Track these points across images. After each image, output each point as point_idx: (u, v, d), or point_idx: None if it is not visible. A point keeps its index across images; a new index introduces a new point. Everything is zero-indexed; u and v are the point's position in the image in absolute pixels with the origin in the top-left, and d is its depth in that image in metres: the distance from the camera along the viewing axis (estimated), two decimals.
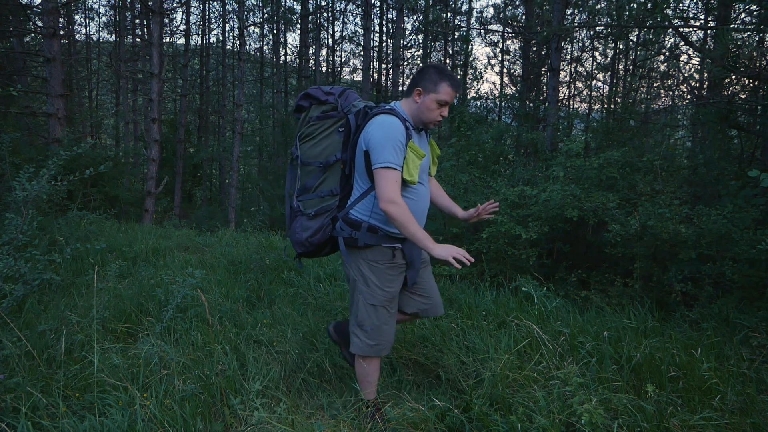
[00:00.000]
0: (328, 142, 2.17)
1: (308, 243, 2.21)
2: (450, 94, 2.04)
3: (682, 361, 2.42)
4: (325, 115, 2.17)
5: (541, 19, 12.11)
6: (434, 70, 2.06)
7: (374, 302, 2.12)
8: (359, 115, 2.13)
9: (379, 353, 2.16)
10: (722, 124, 5.48)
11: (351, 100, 2.19)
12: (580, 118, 11.17)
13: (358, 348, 2.16)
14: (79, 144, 7.94)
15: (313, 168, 2.19)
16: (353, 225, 2.10)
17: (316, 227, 2.19)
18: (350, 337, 2.22)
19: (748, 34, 5.60)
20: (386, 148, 1.95)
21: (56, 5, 8.70)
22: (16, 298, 3.12)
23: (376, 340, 2.14)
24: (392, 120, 2.00)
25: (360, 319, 2.15)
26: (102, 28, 28.50)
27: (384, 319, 2.14)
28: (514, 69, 18.32)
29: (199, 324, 3.10)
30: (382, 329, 2.14)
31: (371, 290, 2.11)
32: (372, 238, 2.09)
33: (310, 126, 2.20)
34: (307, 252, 2.26)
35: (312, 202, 2.20)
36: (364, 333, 2.14)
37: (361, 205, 2.11)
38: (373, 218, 2.09)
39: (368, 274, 2.11)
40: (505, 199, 4.97)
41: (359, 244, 2.09)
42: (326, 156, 2.17)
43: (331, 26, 21.04)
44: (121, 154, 15.73)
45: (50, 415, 2.09)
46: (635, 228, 4.05)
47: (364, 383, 2.23)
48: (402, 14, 13.26)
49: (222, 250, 5.44)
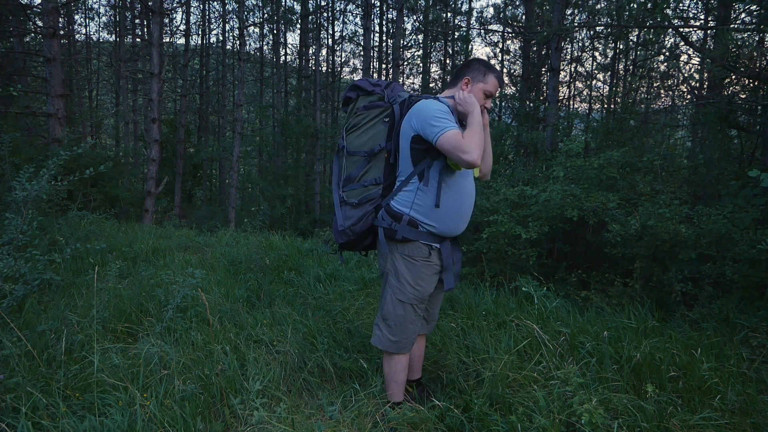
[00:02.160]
0: (373, 131, 2.18)
1: (350, 231, 2.19)
2: (496, 86, 2.12)
3: (682, 361, 2.42)
4: (372, 105, 2.19)
5: (541, 19, 12.10)
6: (482, 64, 2.13)
7: (403, 298, 2.11)
8: (404, 105, 2.15)
9: (399, 350, 2.16)
10: (722, 124, 5.49)
11: (397, 91, 2.22)
12: (580, 118, 11.17)
13: (379, 341, 2.17)
14: (79, 144, 7.94)
15: (358, 158, 2.20)
16: (394, 216, 2.09)
17: (359, 215, 2.18)
18: (373, 329, 2.23)
19: (748, 34, 5.60)
20: (436, 120, 1.95)
21: (56, 5, 8.69)
22: (16, 298, 3.12)
23: (398, 337, 2.14)
24: (435, 101, 2.04)
25: (385, 313, 2.15)
26: (102, 28, 28.53)
27: (410, 318, 2.13)
28: (514, 69, 18.32)
29: (199, 324, 3.10)
30: (406, 327, 2.13)
31: (401, 285, 2.11)
32: (411, 232, 2.07)
33: (357, 116, 2.21)
34: (348, 242, 2.24)
35: (356, 191, 2.19)
36: (387, 327, 2.15)
37: (403, 194, 2.10)
38: (414, 210, 2.07)
39: (401, 269, 2.10)
40: (505, 199, 4.97)
41: (397, 237, 2.07)
42: (371, 145, 2.17)
43: (331, 26, 21.05)
44: (121, 154, 15.72)
45: (50, 415, 2.09)
46: (635, 228, 4.05)
47: (391, 383, 2.22)
48: (402, 14, 13.26)
49: (222, 250, 5.44)
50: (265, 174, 17.56)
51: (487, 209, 5.05)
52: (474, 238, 5.05)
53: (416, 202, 2.07)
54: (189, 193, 21.23)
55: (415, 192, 2.06)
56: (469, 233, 5.30)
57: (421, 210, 2.07)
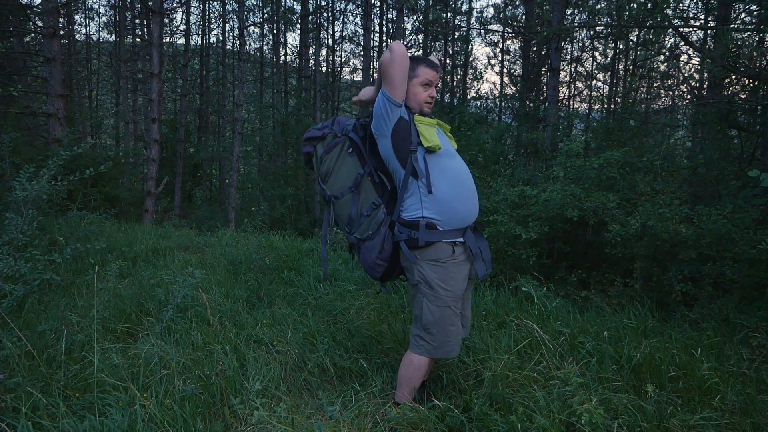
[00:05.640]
0: (346, 167, 2.20)
1: (380, 260, 2.17)
2: (429, 73, 2.12)
3: (682, 361, 2.42)
4: (331, 146, 2.23)
5: (541, 19, 12.11)
6: (412, 60, 2.13)
7: (439, 303, 2.08)
8: (357, 128, 2.20)
9: (447, 355, 2.13)
10: (722, 124, 5.49)
11: (343, 123, 2.26)
12: (580, 118, 11.15)
13: (426, 351, 2.13)
14: (79, 144, 7.92)
15: (346, 197, 2.19)
16: (410, 225, 2.07)
17: (380, 242, 2.15)
18: (412, 339, 2.18)
19: (748, 34, 5.61)
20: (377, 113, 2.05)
21: (56, 5, 8.70)
22: (16, 298, 3.12)
23: (442, 342, 2.11)
24: None
25: (425, 323, 2.11)
26: (102, 28, 28.58)
27: (450, 320, 2.10)
28: (514, 69, 18.31)
29: (199, 324, 3.10)
30: (449, 331, 2.10)
31: (435, 292, 2.08)
32: (432, 234, 2.04)
33: (323, 163, 2.25)
34: (384, 272, 2.20)
35: (364, 225, 2.18)
36: (430, 336, 2.11)
37: (409, 201, 2.09)
38: (426, 210, 2.06)
39: (431, 276, 2.07)
40: (505, 199, 4.97)
41: (420, 243, 2.04)
42: (351, 179, 2.18)
43: (331, 26, 21.04)
44: (121, 154, 15.69)
45: (50, 415, 2.09)
46: (635, 228, 4.05)
47: (405, 387, 2.19)
48: (402, 14, 13.25)
49: (222, 250, 5.44)
50: (265, 174, 17.53)
51: (487, 209, 5.05)
52: None
53: (424, 201, 2.06)
54: (189, 193, 21.24)
55: (419, 194, 2.06)
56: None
57: (432, 208, 2.05)
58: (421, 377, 2.19)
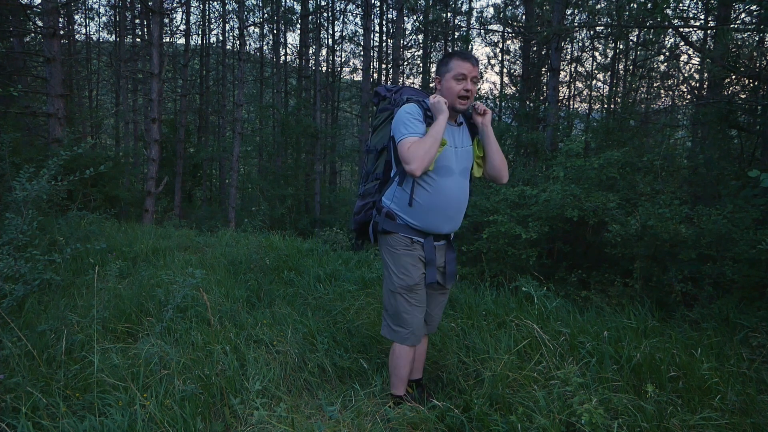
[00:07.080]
0: (383, 132, 2.32)
1: (354, 221, 2.38)
2: (462, 65, 2.11)
3: (682, 361, 2.42)
4: (384, 108, 2.36)
5: (541, 19, 12.09)
6: (444, 55, 2.23)
7: (391, 287, 2.21)
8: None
9: (402, 341, 2.22)
10: (722, 124, 5.49)
11: (405, 94, 2.33)
12: (580, 118, 11.16)
13: (384, 331, 2.30)
14: (79, 144, 7.92)
15: (372, 155, 2.36)
16: (379, 210, 2.24)
17: (359, 206, 2.37)
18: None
19: (748, 34, 5.61)
20: (402, 126, 2.08)
21: (56, 5, 8.70)
22: (16, 298, 3.11)
23: (397, 326, 2.22)
24: (412, 105, 2.13)
25: (384, 304, 2.28)
26: (102, 28, 28.56)
27: (403, 307, 2.20)
28: (514, 69, 18.29)
29: (199, 324, 3.10)
30: (401, 317, 2.20)
31: (389, 276, 2.22)
32: (389, 223, 2.19)
33: (376, 118, 2.41)
34: (355, 230, 2.42)
35: (365, 187, 2.38)
36: (388, 316, 2.27)
37: (387, 190, 2.23)
38: (393, 203, 2.20)
39: (388, 260, 2.22)
40: (505, 199, 4.97)
41: (379, 229, 2.23)
42: (380, 144, 2.32)
43: (331, 26, 21.04)
44: (121, 154, 15.69)
45: (50, 415, 2.09)
46: (635, 228, 4.05)
47: (393, 377, 2.30)
48: (402, 14, 13.26)
49: (222, 250, 5.44)
50: (265, 174, 17.53)
51: (487, 209, 5.05)
52: (474, 237, 5.05)
53: (396, 196, 2.19)
54: (189, 193, 21.22)
55: (395, 187, 2.19)
56: (469, 233, 5.30)
57: (398, 203, 2.18)
58: (405, 366, 2.26)
